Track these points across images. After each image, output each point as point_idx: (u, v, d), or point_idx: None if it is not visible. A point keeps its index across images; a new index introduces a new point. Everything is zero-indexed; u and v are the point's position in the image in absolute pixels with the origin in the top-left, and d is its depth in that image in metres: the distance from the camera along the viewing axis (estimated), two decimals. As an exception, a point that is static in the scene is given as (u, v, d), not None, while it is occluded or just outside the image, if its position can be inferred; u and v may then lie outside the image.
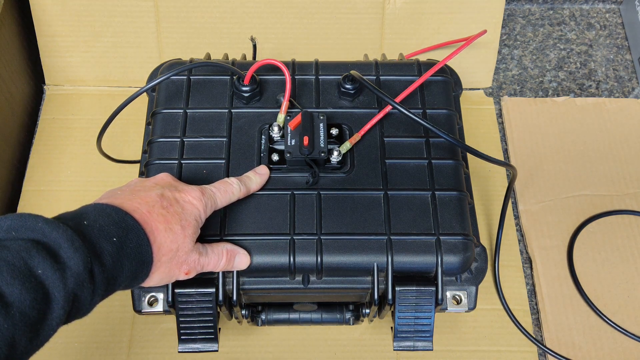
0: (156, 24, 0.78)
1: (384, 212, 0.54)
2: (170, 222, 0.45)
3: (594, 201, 0.75)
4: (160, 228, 0.44)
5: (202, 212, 0.48)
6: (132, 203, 0.44)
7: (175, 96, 0.60)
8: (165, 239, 0.44)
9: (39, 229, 0.38)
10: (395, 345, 0.54)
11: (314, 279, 0.54)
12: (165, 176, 0.51)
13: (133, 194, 0.46)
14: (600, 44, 0.89)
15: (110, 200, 0.44)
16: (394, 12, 0.78)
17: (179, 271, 0.47)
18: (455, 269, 0.54)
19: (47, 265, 0.36)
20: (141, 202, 0.45)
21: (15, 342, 0.34)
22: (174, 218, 0.45)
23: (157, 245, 0.44)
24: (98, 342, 0.66)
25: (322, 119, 0.56)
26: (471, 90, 0.84)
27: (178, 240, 0.45)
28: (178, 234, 0.45)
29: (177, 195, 0.47)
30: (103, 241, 0.40)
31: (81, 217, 0.41)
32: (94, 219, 0.41)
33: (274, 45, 0.79)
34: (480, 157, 0.54)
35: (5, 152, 0.74)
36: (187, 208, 0.47)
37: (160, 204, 0.45)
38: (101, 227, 0.41)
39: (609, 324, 0.68)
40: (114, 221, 0.42)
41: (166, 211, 0.45)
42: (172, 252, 0.45)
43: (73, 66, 0.80)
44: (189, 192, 0.48)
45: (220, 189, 0.51)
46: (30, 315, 0.35)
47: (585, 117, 0.81)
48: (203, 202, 0.48)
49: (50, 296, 0.36)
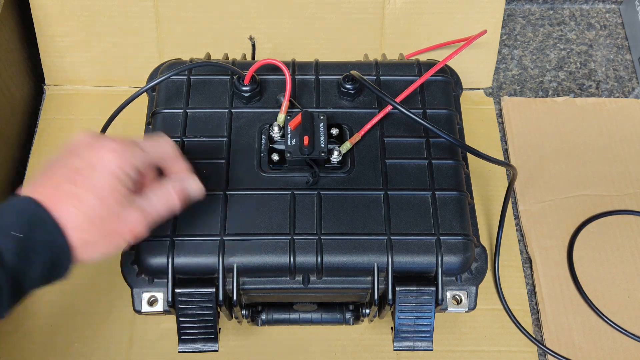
0: (156, 24, 0.78)
1: (384, 212, 0.54)
2: (80, 197, 0.41)
3: (594, 201, 0.75)
4: (71, 209, 0.41)
5: (125, 164, 0.43)
6: (43, 187, 0.41)
7: (175, 96, 0.60)
8: (78, 219, 0.41)
9: None
10: (395, 345, 0.54)
11: (314, 279, 0.54)
12: (81, 137, 0.45)
13: (45, 176, 0.42)
14: (600, 44, 0.89)
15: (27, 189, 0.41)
16: (394, 12, 0.78)
17: (121, 236, 0.43)
18: (455, 269, 0.54)
19: None
20: (48, 182, 0.42)
21: None
22: (85, 190, 0.41)
23: (72, 227, 0.41)
24: (98, 342, 0.66)
25: (323, 118, 0.56)
26: (471, 90, 0.84)
27: (97, 211, 0.41)
28: (95, 205, 0.41)
29: (89, 155, 0.43)
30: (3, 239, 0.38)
31: None
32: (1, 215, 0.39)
33: (274, 45, 0.79)
34: (480, 157, 0.54)
35: (5, 152, 0.74)
36: (103, 167, 0.42)
37: (67, 178, 0.42)
38: (4, 224, 0.39)
39: (609, 324, 0.68)
40: (20, 216, 0.39)
41: (74, 185, 0.41)
42: (95, 225, 0.42)
43: (73, 66, 0.80)
44: (103, 148, 0.43)
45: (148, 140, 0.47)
46: None
47: (585, 117, 0.81)
48: (120, 154, 0.43)
49: None
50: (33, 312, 0.67)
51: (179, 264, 0.52)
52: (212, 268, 0.52)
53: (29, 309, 0.67)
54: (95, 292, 0.68)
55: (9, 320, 0.66)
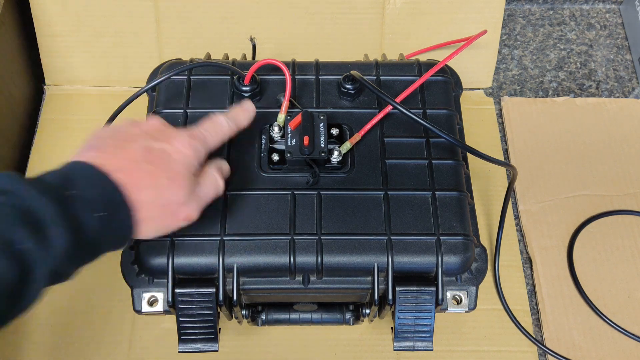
0: (156, 24, 0.78)
1: (384, 212, 0.54)
2: (156, 176, 0.43)
3: (594, 201, 0.75)
4: (146, 184, 0.43)
5: (193, 158, 0.46)
6: (117, 160, 0.42)
7: (175, 96, 0.60)
8: (151, 196, 0.43)
9: (27, 197, 0.37)
10: (395, 345, 0.54)
11: (314, 279, 0.54)
12: (154, 122, 0.48)
13: (118, 148, 0.44)
14: (600, 44, 0.89)
15: (95, 158, 0.42)
16: (394, 12, 0.78)
17: (175, 221, 0.46)
18: (456, 269, 0.54)
19: (31, 241, 0.36)
20: (126, 157, 0.43)
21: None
22: (161, 171, 0.44)
23: (143, 204, 0.42)
24: (98, 342, 0.66)
25: (323, 119, 0.56)
26: (471, 90, 0.84)
27: (166, 194, 0.44)
28: (166, 187, 0.44)
29: (165, 145, 0.45)
30: (88, 217, 0.39)
31: (68, 185, 0.39)
32: (81, 188, 0.40)
33: (274, 45, 0.79)
34: (480, 157, 0.54)
35: (5, 152, 0.74)
36: (175, 158, 0.45)
37: (146, 158, 0.43)
38: (87, 200, 0.39)
39: (609, 324, 0.68)
40: (100, 193, 0.40)
41: (152, 166, 0.43)
42: (160, 207, 0.44)
43: (73, 66, 0.80)
44: (178, 139, 0.46)
45: (209, 129, 0.50)
46: (11, 289, 0.35)
47: (586, 117, 0.81)
48: (192, 148, 0.46)
49: (31, 271, 0.36)
50: (33, 312, 0.67)
51: (179, 264, 0.52)
52: (212, 268, 0.52)
53: (29, 309, 0.67)
54: (95, 292, 0.68)
55: (9, 320, 0.66)
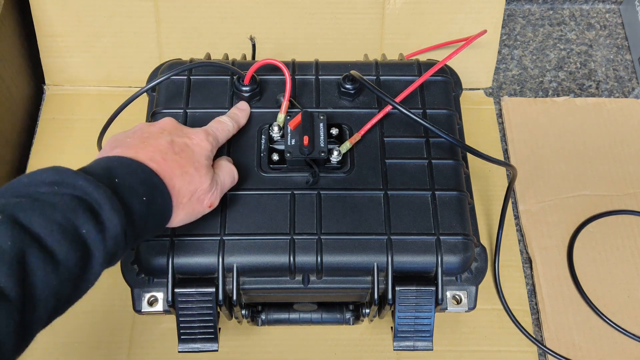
0: (156, 24, 0.78)
1: (384, 212, 0.54)
2: (184, 166, 0.47)
3: (594, 201, 0.75)
4: (177, 173, 0.46)
5: (209, 152, 0.51)
6: (147, 152, 0.46)
7: (175, 96, 0.60)
8: (182, 184, 0.46)
9: (79, 186, 0.39)
10: (395, 345, 0.54)
11: (314, 278, 0.54)
12: (169, 121, 0.52)
13: (144, 142, 0.47)
14: (600, 44, 0.89)
15: (126, 152, 0.45)
16: (394, 12, 0.78)
17: (202, 207, 0.49)
18: (455, 269, 0.54)
19: (91, 226, 0.38)
20: (155, 150, 0.46)
21: (61, 294, 0.37)
22: (187, 162, 0.48)
23: (176, 191, 0.46)
24: (98, 342, 0.66)
25: (322, 118, 0.56)
26: (471, 90, 0.84)
27: (194, 182, 0.48)
28: (194, 175, 0.48)
29: (186, 140, 0.49)
30: (135, 202, 0.42)
31: (111, 174, 0.42)
32: (123, 176, 0.43)
33: (274, 45, 0.79)
34: (480, 157, 0.54)
35: (5, 152, 0.74)
36: (197, 150, 0.49)
37: (172, 150, 0.47)
38: (131, 186, 0.42)
39: (609, 324, 0.68)
40: (141, 180, 0.43)
41: (179, 156, 0.47)
42: (190, 193, 0.47)
43: (73, 66, 0.80)
44: (196, 135, 0.51)
45: (218, 128, 0.54)
46: (75, 272, 0.38)
47: (585, 117, 0.81)
48: (209, 142, 0.51)
49: (92, 254, 0.39)
50: (33, 312, 0.67)
51: (179, 263, 0.52)
52: (212, 268, 0.52)
53: (29, 309, 0.67)
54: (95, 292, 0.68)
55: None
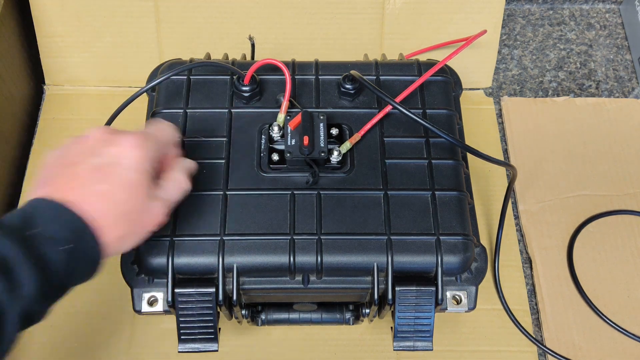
0: (156, 24, 0.78)
1: (384, 212, 0.54)
2: (110, 194, 0.42)
3: (594, 201, 0.75)
4: (103, 208, 0.41)
5: (144, 159, 0.44)
6: (70, 190, 0.41)
7: (175, 96, 0.60)
8: (110, 216, 0.42)
9: None
10: (395, 345, 0.54)
11: (313, 278, 0.54)
12: (97, 133, 0.45)
13: (66, 176, 0.42)
14: (600, 44, 0.89)
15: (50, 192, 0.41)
16: (394, 12, 0.78)
17: (143, 228, 0.45)
18: (455, 269, 0.54)
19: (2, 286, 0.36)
20: (77, 185, 0.41)
21: None
22: (113, 187, 0.42)
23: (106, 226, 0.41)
24: (98, 343, 0.66)
25: (322, 118, 0.56)
26: (471, 90, 0.84)
27: (125, 207, 0.43)
28: (124, 201, 0.42)
29: (112, 154, 0.43)
30: (55, 253, 0.39)
31: (29, 224, 0.39)
32: (43, 225, 0.39)
33: (273, 45, 0.79)
34: (480, 157, 0.54)
35: (5, 152, 0.74)
36: (125, 164, 0.43)
37: (93, 177, 0.42)
38: (52, 236, 0.39)
39: (609, 324, 0.68)
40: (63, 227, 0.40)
41: (106, 184, 0.42)
42: (125, 222, 0.43)
43: (73, 66, 0.80)
44: (124, 143, 0.44)
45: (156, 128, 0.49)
46: None
47: (585, 117, 0.81)
48: (142, 147, 0.44)
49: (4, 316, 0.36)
50: (33, 312, 0.67)
51: (178, 263, 0.52)
52: (212, 268, 0.52)
53: (28, 309, 0.67)
54: (95, 292, 0.68)
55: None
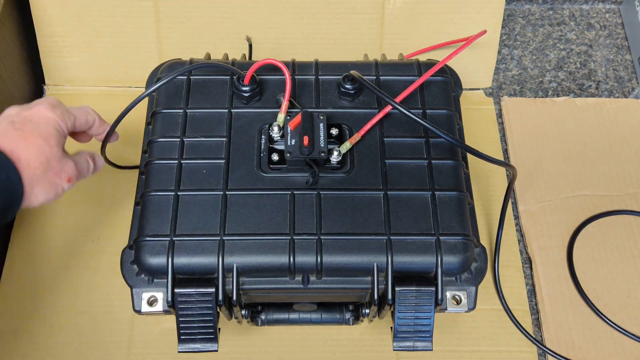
0: (156, 24, 0.78)
1: (383, 212, 0.54)
2: (28, 137, 0.47)
3: (594, 201, 0.75)
4: (21, 146, 0.46)
5: (59, 121, 0.50)
6: None
7: (175, 96, 0.60)
8: (30, 155, 0.46)
9: None
10: (395, 345, 0.54)
11: (313, 279, 0.54)
12: (10, 109, 0.51)
13: None
14: (600, 44, 0.89)
15: None
16: (393, 12, 0.78)
17: (61, 180, 0.49)
18: (455, 269, 0.54)
19: None
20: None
21: None
22: (32, 133, 0.47)
23: (24, 163, 0.45)
24: (98, 343, 0.66)
25: (322, 119, 0.56)
26: (471, 90, 0.84)
27: (45, 151, 0.47)
28: (42, 146, 0.47)
29: (27, 114, 0.49)
30: None
31: None
32: None
33: (273, 45, 0.79)
34: (480, 157, 0.54)
35: (5, 152, 0.74)
36: (41, 120, 0.48)
37: (13, 127, 0.47)
38: None
39: (608, 324, 0.68)
40: None
41: (21, 131, 0.47)
42: (43, 164, 0.47)
43: (73, 66, 0.80)
44: (38, 107, 0.49)
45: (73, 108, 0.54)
46: None
47: (585, 118, 0.81)
48: (55, 112, 0.50)
49: None
50: (33, 312, 0.67)
51: (178, 263, 0.52)
52: (211, 268, 0.52)
53: (29, 309, 0.67)
54: (95, 292, 0.68)
55: (9, 320, 0.66)
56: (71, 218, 0.72)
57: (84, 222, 0.72)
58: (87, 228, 0.72)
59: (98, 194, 0.74)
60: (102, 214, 0.72)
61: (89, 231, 0.71)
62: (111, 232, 0.71)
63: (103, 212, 0.72)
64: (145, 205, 0.55)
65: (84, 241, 0.71)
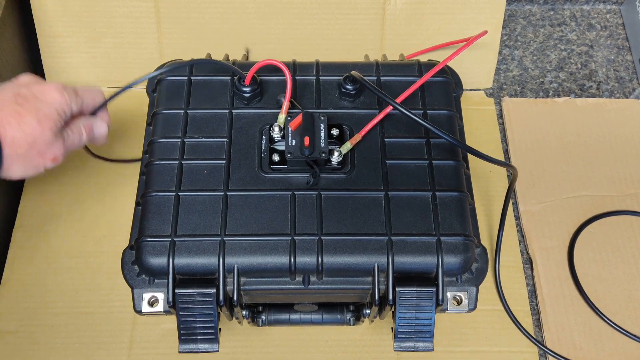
0: (157, 24, 0.78)
1: (384, 212, 0.54)
2: (23, 115, 0.47)
3: (595, 202, 0.75)
4: (12, 123, 0.47)
5: (64, 103, 0.51)
6: None
7: (175, 96, 0.60)
8: (18, 133, 0.47)
9: None
10: (395, 345, 0.54)
11: (314, 279, 0.54)
12: (25, 76, 0.52)
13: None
14: (600, 45, 0.89)
15: None
16: (394, 12, 0.78)
17: (44, 160, 0.50)
18: (456, 270, 0.54)
19: None
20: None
21: None
22: (29, 112, 0.48)
23: (10, 139, 0.47)
24: (98, 343, 0.66)
25: (323, 119, 0.56)
26: (472, 90, 0.84)
27: (34, 132, 0.48)
28: (34, 126, 0.48)
29: (36, 89, 0.50)
30: None
31: None
32: None
33: (274, 46, 0.79)
34: (480, 157, 0.54)
35: (6, 153, 0.74)
36: (46, 100, 0.49)
37: (15, 100, 0.48)
38: None
39: (609, 325, 0.68)
40: None
41: (20, 107, 0.48)
42: (27, 144, 0.48)
43: (74, 67, 0.80)
44: (49, 85, 0.51)
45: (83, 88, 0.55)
46: None
47: (586, 118, 0.81)
48: (62, 93, 0.51)
49: None
50: (33, 312, 0.67)
51: (179, 264, 0.52)
52: (212, 268, 0.52)
53: (29, 309, 0.67)
54: (95, 292, 0.68)
55: (9, 320, 0.66)
56: (72, 218, 0.72)
57: (85, 222, 0.72)
58: (87, 228, 0.72)
59: (99, 194, 0.74)
60: (102, 215, 0.72)
61: (90, 232, 0.71)
62: (112, 232, 0.71)
63: (104, 213, 0.73)
64: (146, 205, 0.55)
65: (85, 242, 0.71)
